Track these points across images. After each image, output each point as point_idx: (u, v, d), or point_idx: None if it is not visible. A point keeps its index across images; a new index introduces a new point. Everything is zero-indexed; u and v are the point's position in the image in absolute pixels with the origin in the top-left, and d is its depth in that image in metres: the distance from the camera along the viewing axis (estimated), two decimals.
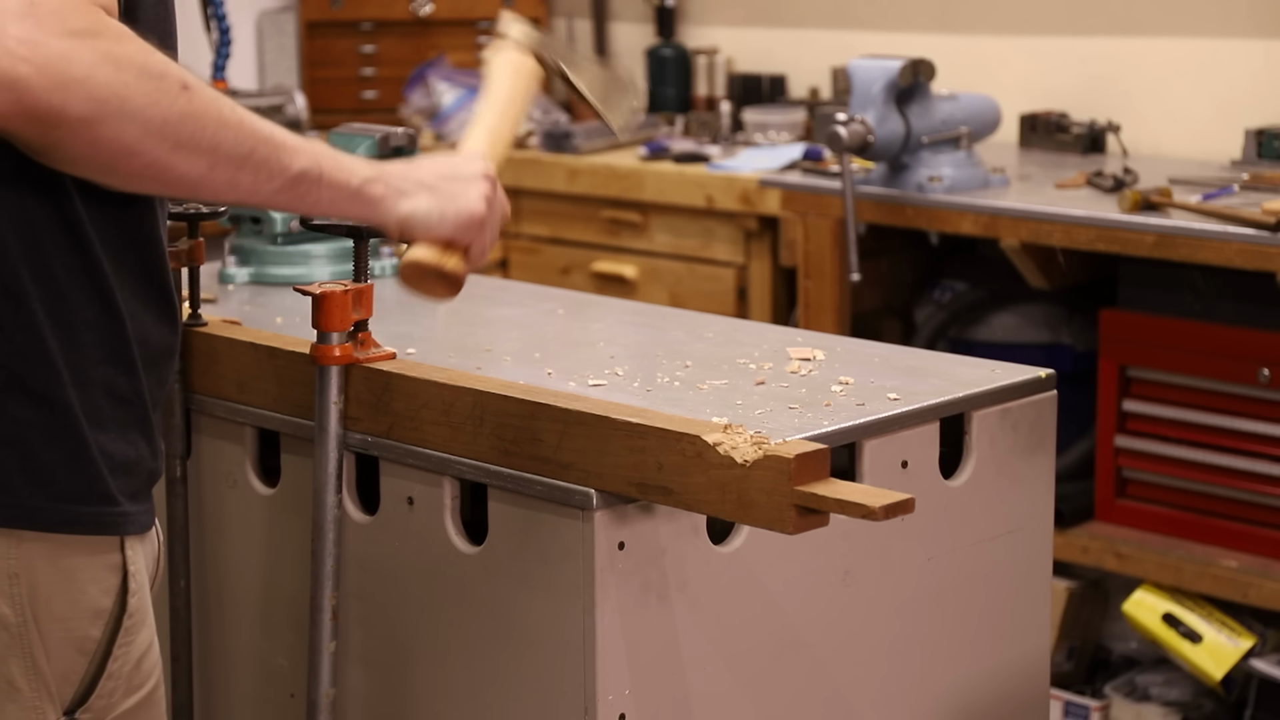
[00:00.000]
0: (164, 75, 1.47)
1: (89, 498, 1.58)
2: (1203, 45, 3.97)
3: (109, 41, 1.44)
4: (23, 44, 1.40)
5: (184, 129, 1.48)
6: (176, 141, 1.47)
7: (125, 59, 1.44)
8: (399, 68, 4.92)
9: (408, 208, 1.73)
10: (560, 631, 1.89)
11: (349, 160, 1.68)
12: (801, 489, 1.72)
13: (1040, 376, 2.22)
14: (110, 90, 1.43)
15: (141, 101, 1.45)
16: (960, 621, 2.18)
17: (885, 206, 3.60)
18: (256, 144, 1.54)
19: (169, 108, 1.46)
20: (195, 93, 1.48)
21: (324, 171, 1.62)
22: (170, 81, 1.47)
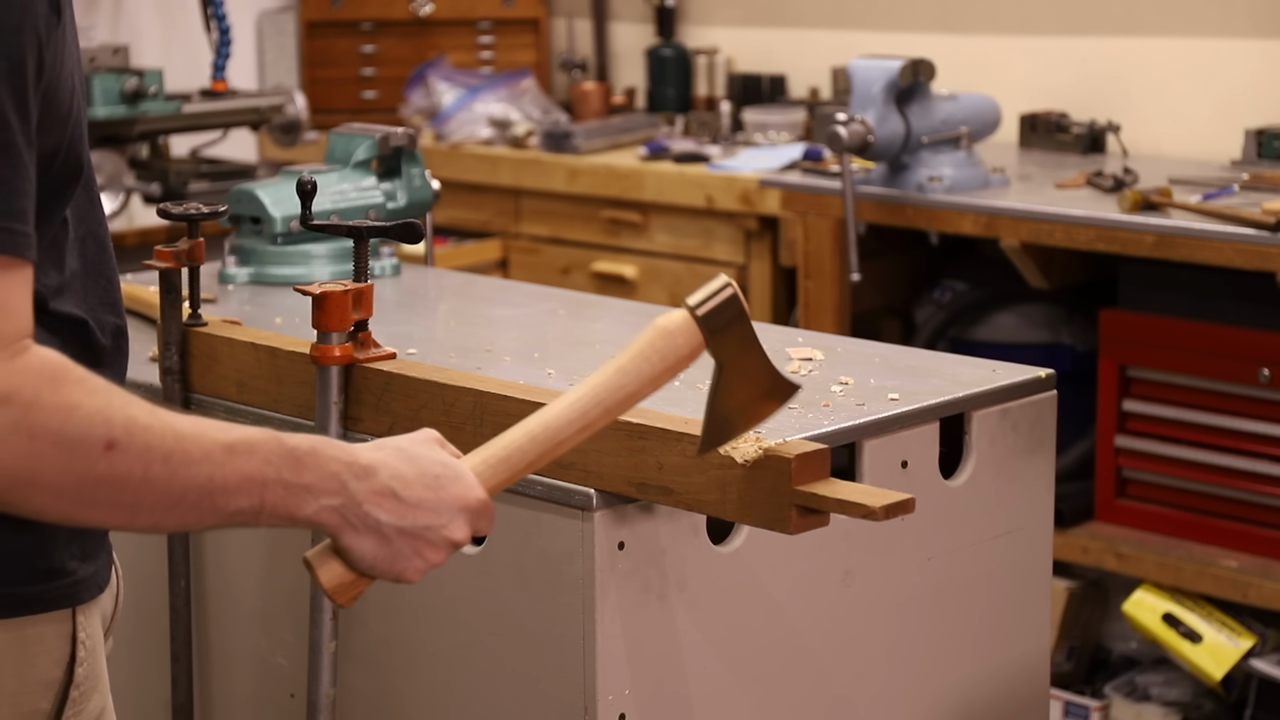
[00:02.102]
0: (84, 440, 1.35)
1: (36, 576, 1.52)
2: (1203, 45, 3.97)
3: (20, 410, 1.34)
4: None
5: (99, 492, 1.38)
6: (91, 502, 1.38)
7: (40, 428, 1.34)
8: (399, 68, 4.92)
9: (348, 542, 1.51)
10: (560, 631, 1.89)
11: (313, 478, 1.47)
12: (802, 489, 1.72)
13: (1040, 376, 2.22)
14: (20, 464, 1.34)
15: (54, 473, 1.35)
16: (960, 621, 2.18)
17: (885, 206, 3.60)
18: (187, 493, 1.41)
19: (86, 473, 1.36)
20: (119, 451, 1.37)
21: (265, 508, 1.45)
22: (90, 446, 1.36)
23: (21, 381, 1.34)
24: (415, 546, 1.51)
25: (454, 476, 1.53)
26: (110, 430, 1.36)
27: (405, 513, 1.50)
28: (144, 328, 2.39)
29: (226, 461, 1.42)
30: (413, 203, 2.81)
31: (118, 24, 4.70)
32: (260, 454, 1.43)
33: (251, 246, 2.70)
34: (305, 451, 1.46)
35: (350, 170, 2.76)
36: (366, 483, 1.49)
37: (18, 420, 1.33)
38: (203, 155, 4.22)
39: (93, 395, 1.36)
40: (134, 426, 1.37)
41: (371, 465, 1.49)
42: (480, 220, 4.50)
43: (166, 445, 1.39)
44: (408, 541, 1.51)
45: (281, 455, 1.44)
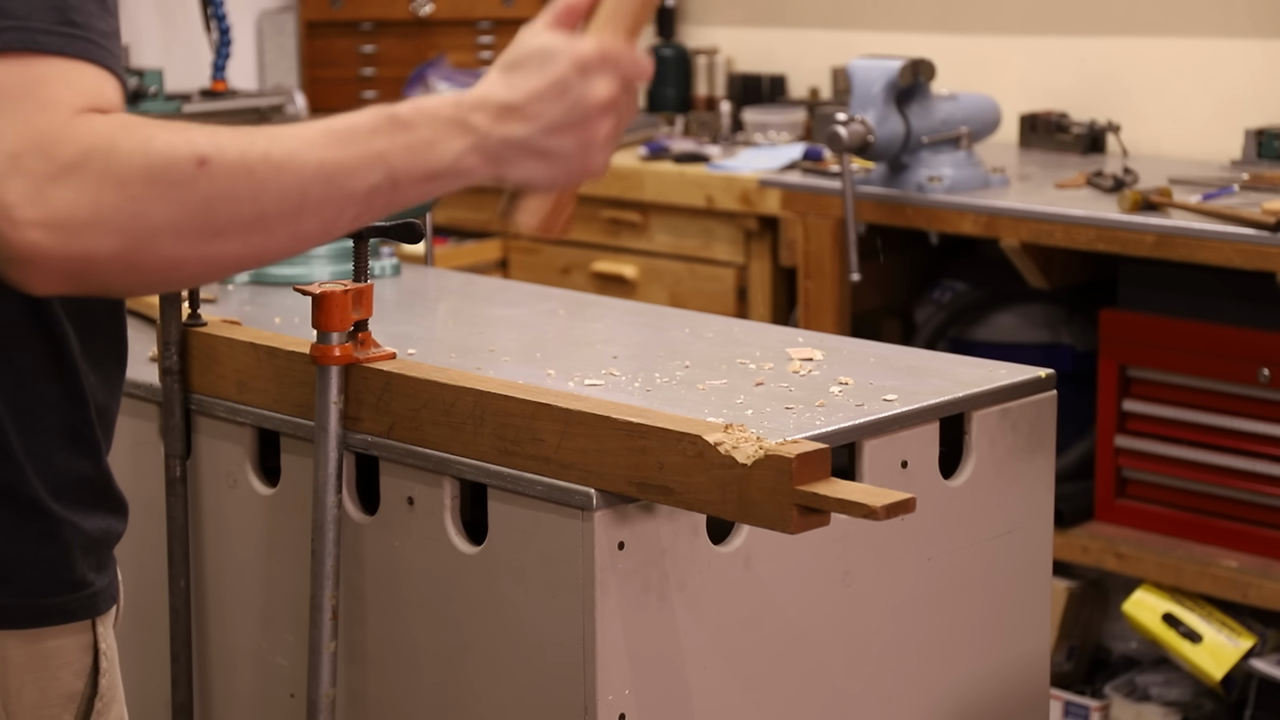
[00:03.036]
0: (171, 163, 1.28)
1: (58, 588, 1.50)
2: (1203, 45, 3.97)
3: (101, 160, 1.26)
4: (21, 205, 1.25)
5: (216, 214, 1.29)
6: (215, 230, 1.30)
7: (125, 171, 1.27)
8: (399, 68, 4.92)
9: (512, 176, 1.41)
10: (560, 631, 1.89)
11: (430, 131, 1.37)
12: (803, 489, 1.72)
13: (1040, 376, 2.22)
14: (125, 215, 1.27)
15: (161, 210, 1.28)
16: (960, 621, 2.18)
17: (885, 206, 3.60)
18: (308, 185, 1.32)
19: (191, 198, 1.28)
20: (214, 163, 1.29)
21: (398, 175, 1.36)
22: (181, 167, 1.28)
23: (94, 135, 1.27)
24: (575, 136, 1.40)
25: (558, 47, 1.40)
26: (195, 147, 1.28)
27: (536, 113, 1.38)
28: (144, 328, 2.39)
29: (332, 143, 1.33)
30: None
31: None
32: (363, 128, 1.34)
33: None
34: (408, 111, 1.36)
35: None
36: (482, 112, 1.37)
37: (103, 171, 1.26)
38: None
39: (167, 127, 1.29)
40: (219, 138, 1.30)
41: (477, 95, 1.38)
42: (480, 220, 4.50)
43: (261, 146, 1.31)
44: (562, 137, 1.39)
45: (385, 120, 1.35)
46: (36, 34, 1.28)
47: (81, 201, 1.26)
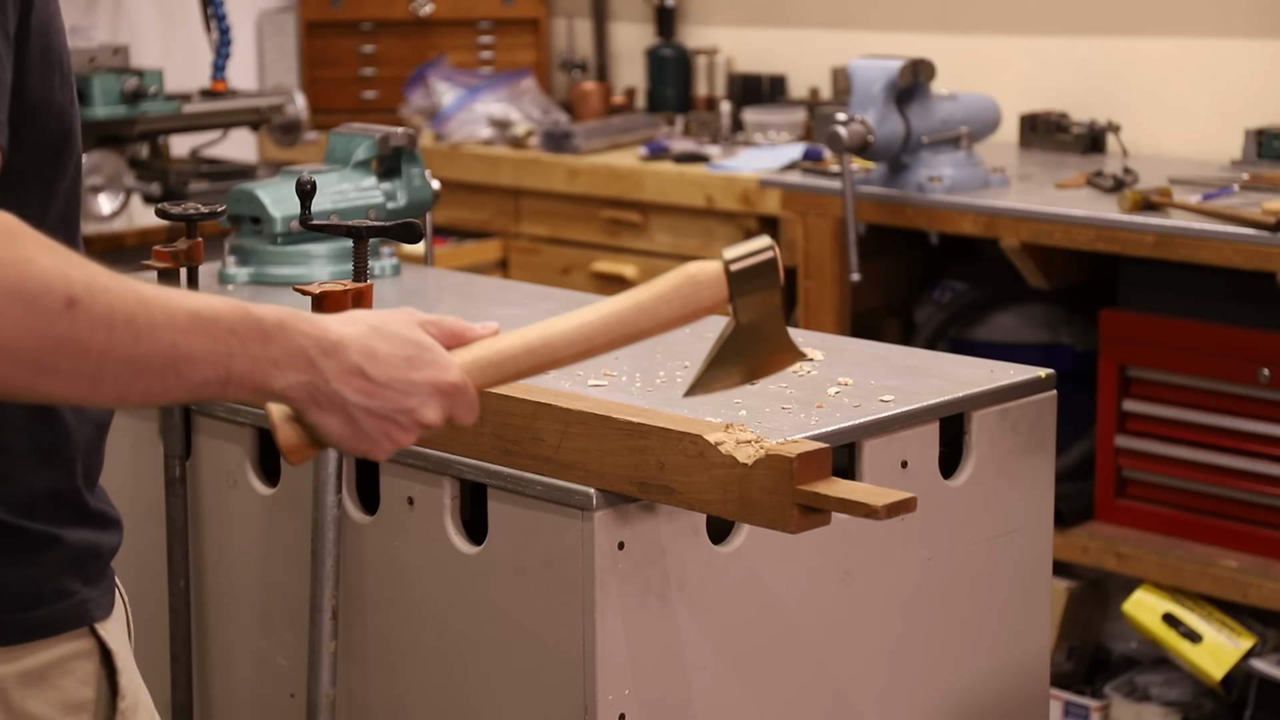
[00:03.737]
0: (42, 294, 1.24)
1: (43, 601, 1.48)
2: (1203, 45, 3.97)
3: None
4: None
5: (60, 357, 1.26)
6: (53, 369, 1.27)
7: None
8: (399, 68, 4.92)
9: (314, 420, 1.43)
10: (560, 631, 1.89)
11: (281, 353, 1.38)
12: (804, 488, 1.72)
13: (1040, 376, 2.22)
14: None
15: (12, 331, 1.24)
16: (960, 621, 2.18)
17: (885, 206, 3.60)
18: (153, 361, 1.31)
19: (46, 333, 1.25)
20: (80, 308, 1.26)
21: (231, 379, 1.36)
22: (50, 301, 1.24)
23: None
24: (383, 428, 1.43)
25: (429, 357, 1.44)
26: (70, 286, 1.25)
27: (374, 392, 1.41)
28: None
29: (191, 329, 1.32)
30: (413, 203, 2.80)
31: (118, 24, 4.70)
32: (225, 323, 1.34)
33: (251, 246, 2.70)
34: (272, 324, 1.37)
35: (350, 170, 2.76)
36: (335, 360, 1.40)
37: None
38: (203, 155, 4.22)
39: (51, 252, 1.26)
40: (95, 285, 1.27)
41: (341, 341, 1.40)
42: (480, 220, 4.50)
43: (129, 308, 1.29)
44: (375, 423, 1.42)
45: (248, 326, 1.36)
46: None
47: None
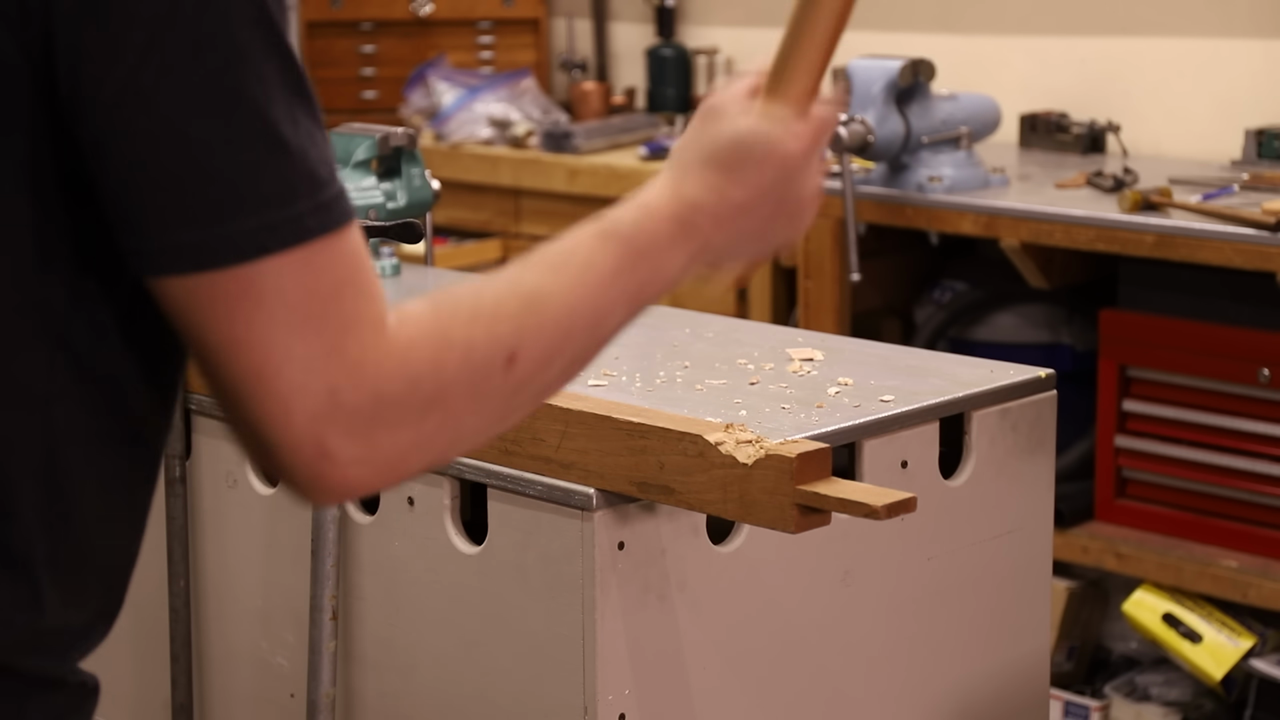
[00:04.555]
0: (489, 373, 1.20)
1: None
2: (1203, 45, 3.97)
3: (429, 388, 1.17)
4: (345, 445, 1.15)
5: (516, 406, 1.24)
6: (509, 418, 1.25)
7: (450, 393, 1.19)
8: (399, 68, 4.92)
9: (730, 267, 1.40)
10: (560, 631, 1.89)
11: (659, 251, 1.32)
12: (804, 488, 1.72)
13: (1040, 376, 2.22)
14: (445, 434, 1.20)
15: (475, 417, 1.21)
16: (960, 621, 2.18)
17: (885, 206, 3.60)
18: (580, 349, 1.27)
19: (500, 399, 1.22)
20: (521, 360, 1.22)
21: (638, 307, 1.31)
22: (497, 373, 1.21)
23: (417, 360, 1.18)
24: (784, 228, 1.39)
25: (766, 142, 1.36)
26: (505, 346, 1.21)
27: (753, 215, 1.35)
28: None
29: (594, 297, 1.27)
30: (413, 203, 2.80)
31: None
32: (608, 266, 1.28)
33: None
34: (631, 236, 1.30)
35: (350, 170, 2.76)
36: (703, 220, 1.33)
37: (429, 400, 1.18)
38: None
39: (475, 324, 1.20)
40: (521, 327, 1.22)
41: (690, 200, 1.33)
42: (480, 220, 4.50)
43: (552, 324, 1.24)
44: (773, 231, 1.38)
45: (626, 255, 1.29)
46: (305, 218, 1.14)
47: (406, 434, 1.17)
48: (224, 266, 1.12)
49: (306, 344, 1.13)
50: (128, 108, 1.12)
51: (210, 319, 1.13)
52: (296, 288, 1.13)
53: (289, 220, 1.13)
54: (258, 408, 1.14)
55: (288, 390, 1.13)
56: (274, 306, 1.13)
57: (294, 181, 1.14)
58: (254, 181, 1.13)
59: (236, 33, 1.14)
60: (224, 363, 1.14)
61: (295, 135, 1.15)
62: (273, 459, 1.16)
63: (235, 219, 1.12)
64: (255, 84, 1.14)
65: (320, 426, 1.14)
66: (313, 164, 1.15)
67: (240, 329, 1.13)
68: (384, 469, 1.18)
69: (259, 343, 1.13)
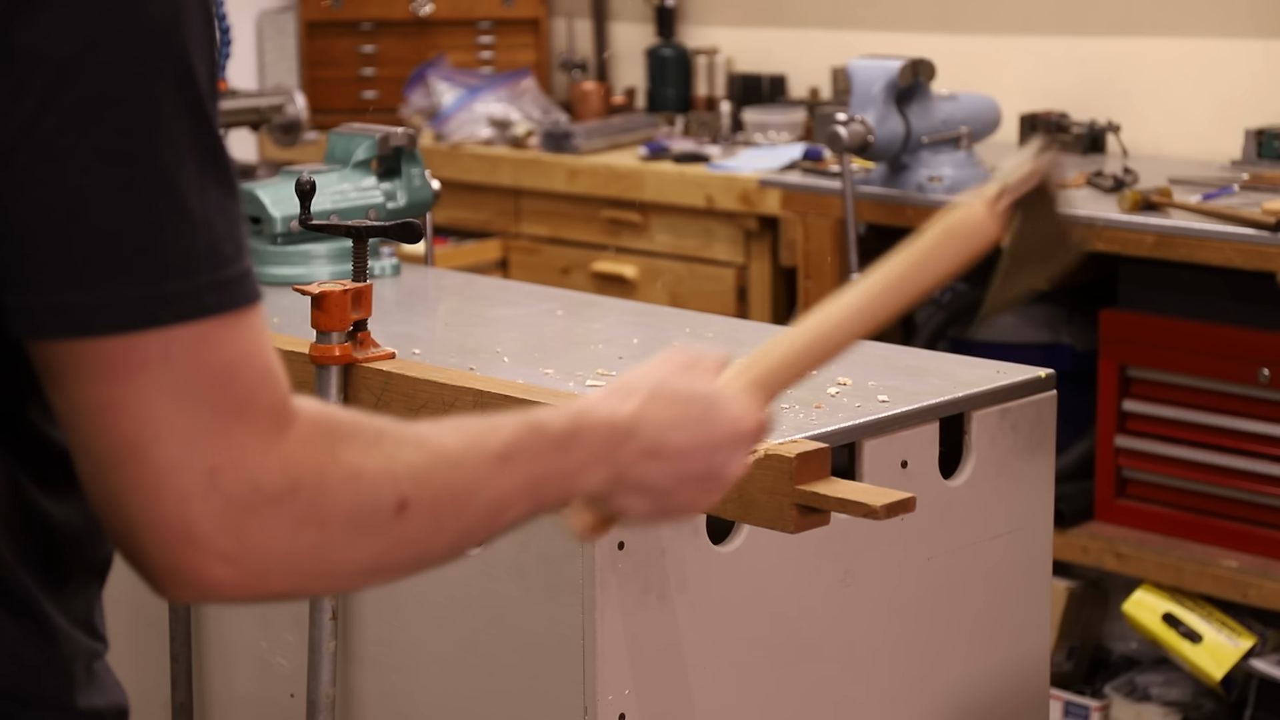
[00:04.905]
0: (375, 509, 1.14)
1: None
2: (1203, 45, 3.97)
3: (308, 497, 1.11)
4: (212, 533, 1.08)
5: (390, 559, 1.18)
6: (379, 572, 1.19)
7: (329, 512, 1.12)
8: (399, 68, 4.92)
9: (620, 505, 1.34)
10: (560, 631, 1.89)
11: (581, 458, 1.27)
12: (803, 488, 1.72)
13: (1040, 376, 2.22)
14: (316, 559, 1.13)
15: (350, 555, 1.14)
16: (960, 621, 2.18)
17: (885, 206, 3.60)
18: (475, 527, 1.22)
19: (381, 546, 1.16)
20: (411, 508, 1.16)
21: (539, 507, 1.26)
22: (383, 513, 1.15)
23: (303, 463, 1.11)
24: (690, 496, 1.34)
25: (721, 409, 1.34)
26: (398, 489, 1.15)
27: (677, 466, 1.32)
28: None
29: (502, 475, 1.22)
30: (413, 203, 2.80)
31: None
32: (528, 452, 1.23)
33: (251, 246, 2.70)
34: (566, 432, 1.26)
35: (350, 170, 2.76)
36: (631, 444, 1.30)
37: (307, 510, 1.11)
38: None
39: (370, 452, 1.15)
40: (418, 475, 1.17)
41: (633, 423, 1.30)
42: (480, 220, 4.50)
43: (451, 486, 1.19)
44: (683, 493, 1.33)
45: (547, 447, 1.25)
46: (202, 293, 1.09)
47: (277, 540, 1.11)
48: (110, 334, 1.07)
49: (189, 419, 1.07)
50: (23, 154, 1.06)
51: (90, 384, 1.07)
52: (185, 362, 1.08)
53: (185, 294, 1.08)
54: (128, 480, 1.08)
55: (163, 463, 1.07)
56: (159, 377, 1.07)
57: (194, 253, 1.08)
58: (150, 248, 1.07)
59: (152, 91, 1.08)
60: (98, 430, 1.08)
61: (201, 206, 1.09)
62: (133, 539, 1.09)
63: (124, 285, 1.07)
64: (164, 148, 1.08)
65: (191, 508, 1.07)
66: (217, 238, 1.10)
67: (118, 397, 1.07)
68: (247, 574, 1.10)
69: (137, 413, 1.07)
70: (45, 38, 1.06)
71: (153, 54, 1.08)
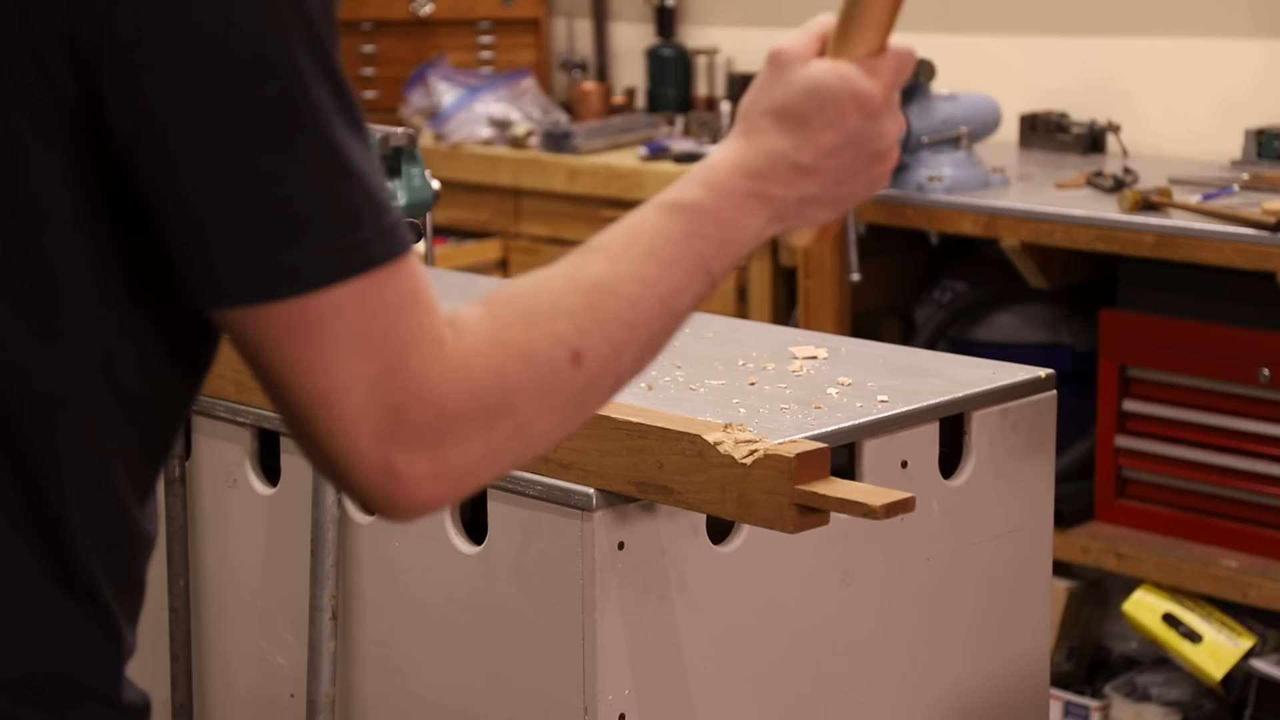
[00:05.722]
0: (555, 374, 1.18)
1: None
2: (1203, 45, 3.97)
3: (494, 399, 1.16)
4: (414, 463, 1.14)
5: (587, 403, 1.22)
6: (582, 415, 1.23)
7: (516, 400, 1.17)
8: (399, 68, 4.92)
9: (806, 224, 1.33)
10: (560, 631, 1.89)
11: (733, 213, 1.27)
12: (802, 488, 1.72)
13: (1040, 376, 2.22)
14: (516, 440, 1.18)
15: (545, 419, 1.19)
16: (960, 621, 2.18)
17: (885, 206, 3.60)
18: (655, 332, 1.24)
19: (570, 398, 1.20)
20: (586, 357, 1.19)
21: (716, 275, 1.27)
22: (563, 373, 1.19)
23: (478, 371, 1.16)
24: (863, 179, 1.31)
25: (831, 92, 1.29)
26: (568, 344, 1.19)
27: (827, 168, 1.29)
28: None
29: (661, 274, 1.23)
30: (413, 203, 2.80)
31: None
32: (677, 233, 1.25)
33: None
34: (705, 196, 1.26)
35: None
36: (774, 178, 1.27)
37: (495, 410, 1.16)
38: None
39: (534, 324, 1.19)
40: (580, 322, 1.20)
41: (764, 155, 1.28)
42: (480, 220, 4.50)
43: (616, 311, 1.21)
44: (852, 184, 1.31)
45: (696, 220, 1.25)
46: (369, 245, 1.13)
47: (475, 446, 1.16)
48: (289, 297, 1.11)
49: (369, 366, 1.13)
50: (184, 136, 1.10)
51: (274, 346, 1.13)
52: (360, 313, 1.13)
53: (353, 248, 1.12)
54: (324, 431, 1.14)
55: (353, 413, 1.13)
56: (337, 332, 1.12)
57: (358, 208, 1.13)
58: (318, 209, 1.12)
59: (295, 60, 1.11)
60: (288, 387, 1.14)
61: (355, 162, 1.13)
62: (344, 481, 1.16)
63: (300, 249, 1.11)
64: (314, 110, 1.12)
65: (387, 447, 1.13)
66: (373, 189, 1.14)
67: (303, 354, 1.12)
68: (456, 482, 1.17)
69: (322, 367, 1.12)
70: (187, 23, 1.09)
71: (288, 24, 1.12)
